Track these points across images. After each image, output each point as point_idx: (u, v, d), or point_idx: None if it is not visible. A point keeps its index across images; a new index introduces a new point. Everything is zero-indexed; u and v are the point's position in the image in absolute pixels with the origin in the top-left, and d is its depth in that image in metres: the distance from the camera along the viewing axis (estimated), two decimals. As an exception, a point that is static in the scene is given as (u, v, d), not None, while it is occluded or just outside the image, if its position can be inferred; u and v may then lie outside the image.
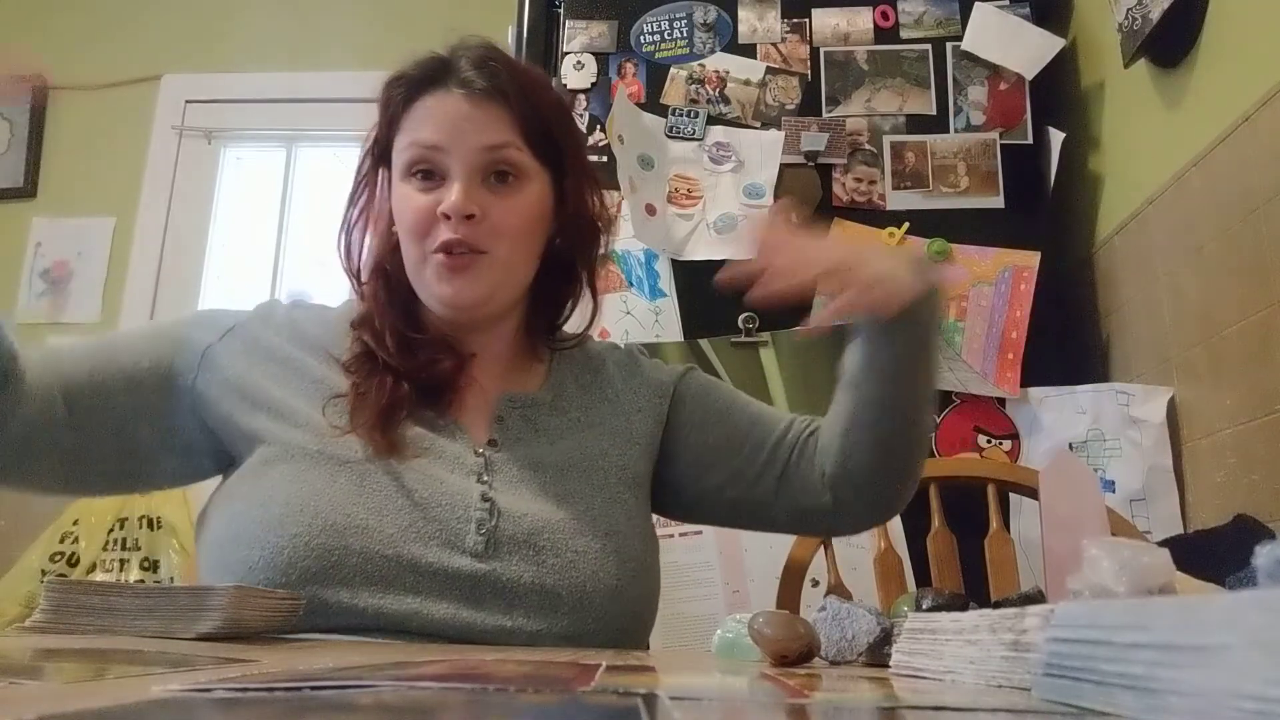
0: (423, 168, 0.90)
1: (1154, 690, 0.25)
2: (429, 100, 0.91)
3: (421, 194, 0.90)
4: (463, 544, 0.82)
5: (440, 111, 0.90)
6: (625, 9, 1.96)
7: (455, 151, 0.89)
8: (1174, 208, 1.56)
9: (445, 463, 0.87)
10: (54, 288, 2.93)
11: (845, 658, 0.58)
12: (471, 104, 0.90)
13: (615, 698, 0.32)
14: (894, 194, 1.84)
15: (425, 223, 0.89)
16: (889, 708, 0.34)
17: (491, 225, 0.89)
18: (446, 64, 0.92)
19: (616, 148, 1.80)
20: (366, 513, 0.81)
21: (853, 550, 1.52)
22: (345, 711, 0.26)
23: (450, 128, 0.89)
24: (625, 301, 1.79)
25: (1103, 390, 1.66)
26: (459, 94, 0.90)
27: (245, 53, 3.03)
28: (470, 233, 0.88)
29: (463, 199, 0.87)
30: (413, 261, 0.91)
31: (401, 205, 0.91)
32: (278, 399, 0.88)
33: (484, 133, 0.90)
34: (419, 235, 0.90)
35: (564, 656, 0.55)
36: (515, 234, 0.91)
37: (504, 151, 0.90)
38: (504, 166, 0.91)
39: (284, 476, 0.83)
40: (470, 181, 0.89)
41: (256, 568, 0.78)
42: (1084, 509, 0.61)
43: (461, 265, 0.89)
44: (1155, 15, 1.52)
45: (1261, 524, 1.26)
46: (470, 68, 0.91)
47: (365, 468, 0.83)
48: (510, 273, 0.93)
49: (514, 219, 0.90)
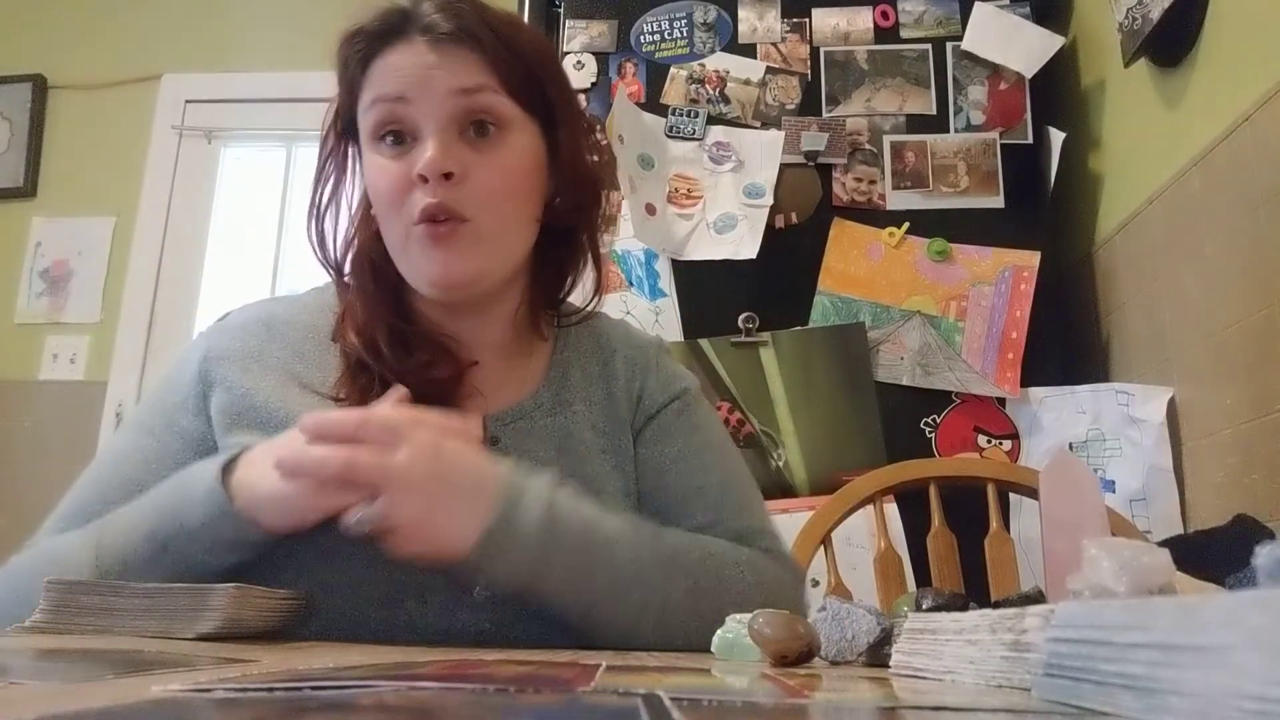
0: (391, 128, 0.80)
1: (1154, 690, 0.25)
2: (390, 55, 0.80)
3: (393, 160, 0.79)
4: (469, 597, 0.73)
5: (403, 63, 0.79)
6: (625, 9, 1.96)
7: (423, 103, 0.78)
8: (1174, 208, 1.56)
9: None
10: (54, 287, 2.94)
11: (845, 658, 0.58)
12: (438, 51, 0.79)
13: (615, 698, 0.32)
14: (894, 194, 1.84)
15: (400, 190, 0.78)
16: (889, 708, 0.34)
17: (474, 189, 0.78)
18: (406, 13, 0.81)
19: (616, 148, 1.80)
20: (357, 565, 0.72)
21: (853, 550, 1.52)
22: (345, 711, 0.26)
23: (415, 77, 0.78)
24: (625, 301, 1.79)
25: (1103, 390, 1.66)
26: (422, 42, 0.79)
27: (245, 53, 3.03)
28: (449, 194, 0.77)
29: (438, 156, 0.76)
30: (395, 240, 0.81)
31: (374, 175, 0.81)
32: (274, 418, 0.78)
33: (454, 76, 0.78)
34: (396, 205, 0.79)
35: (564, 656, 0.55)
36: (503, 196, 0.80)
37: (480, 96, 0.79)
38: (482, 115, 0.80)
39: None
40: (445, 135, 0.78)
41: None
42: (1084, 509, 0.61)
43: (446, 234, 0.78)
44: (1155, 15, 1.52)
45: (1261, 524, 1.26)
46: (434, 11, 0.80)
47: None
48: (501, 241, 0.82)
49: (500, 179, 0.80)
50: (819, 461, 1.69)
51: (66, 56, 3.07)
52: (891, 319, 1.76)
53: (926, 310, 1.77)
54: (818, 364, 1.73)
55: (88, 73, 3.06)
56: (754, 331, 1.75)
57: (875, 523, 1.40)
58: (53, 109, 3.07)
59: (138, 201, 2.96)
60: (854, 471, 1.51)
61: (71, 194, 3.00)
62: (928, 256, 1.79)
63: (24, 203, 3.00)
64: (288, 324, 0.86)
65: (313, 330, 0.86)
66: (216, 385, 0.81)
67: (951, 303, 1.77)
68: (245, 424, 0.78)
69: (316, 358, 0.84)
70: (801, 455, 1.69)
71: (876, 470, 1.44)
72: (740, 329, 1.76)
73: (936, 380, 1.72)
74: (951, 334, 1.75)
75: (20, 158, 3.01)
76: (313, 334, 0.85)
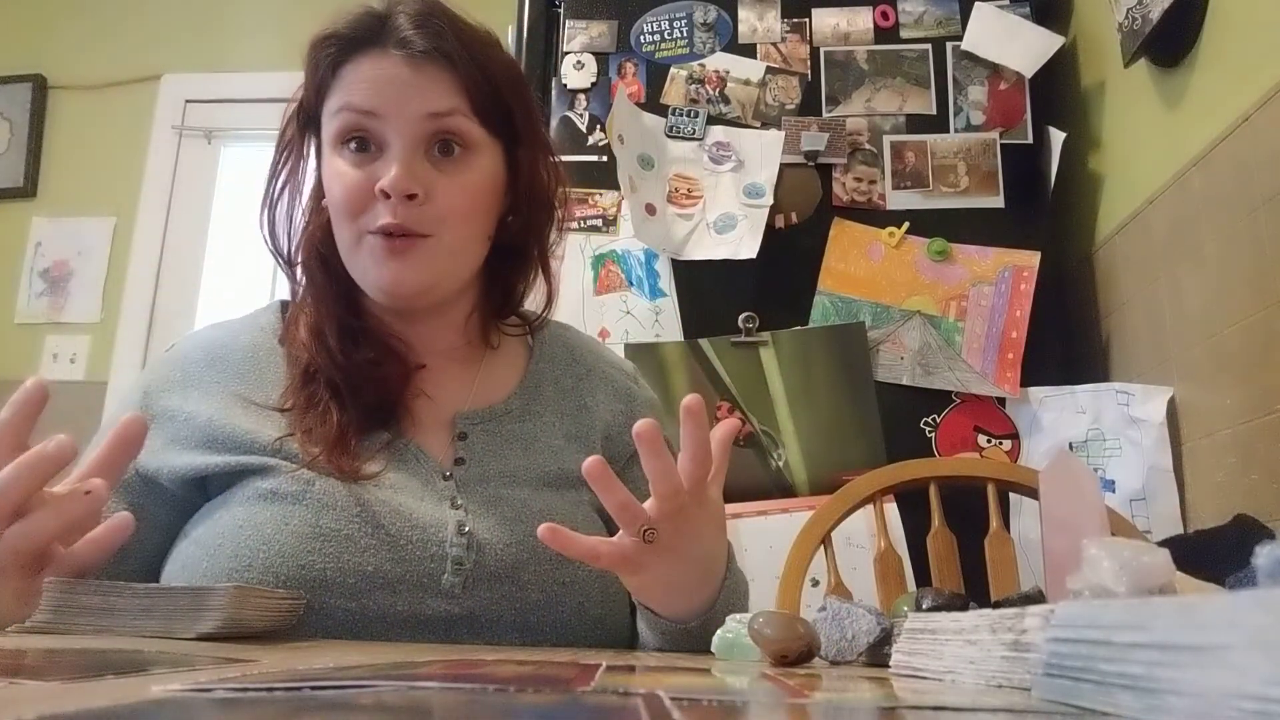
0: (356, 135, 0.80)
1: (1154, 690, 0.25)
2: (363, 63, 0.81)
3: (355, 168, 0.79)
4: (437, 586, 0.74)
5: (375, 75, 0.80)
6: (625, 9, 1.96)
7: (393, 120, 0.79)
8: (1174, 208, 1.56)
9: (412, 491, 0.79)
10: (54, 288, 2.94)
11: (845, 658, 0.58)
12: (411, 67, 0.79)
13: (615, 698, 0.32)
14: (894, 194, 1.84)
15: (360, 200, 0.79)
16: (889, 708, 0.34)
17: (436, 207, 0.79)
18: (382, 21, 0.82)
19: (616, 148, 1.80)
20: (324, 560, 0.73)
21: (853, 550, 1.52)
22: (345, 711, 0.26)
23: (388, 93, 0.79)
24: (625, 301, 1.79)
25: (1103, 390, 1.66)
26: (397, 55, 0.80)
27: (245, 53, 3.03)
28: (411, 215, 0.78)
29: (404, 176, 0.77)
30: (346, 243, 0.81)
31: (332, 180, 0.81)
32: (221, 433, 0.79)
33: (426, 99, 0.79)
34: (353, 214, 0.79)
35: (564, 656, 0.55)
36: (463, 215, 0.81)
37: (449, 120, 0.80)
38: (449, 137, 0.81)
39: (235, 521, 0.75)
40: (411, 155, 0.79)
41: None
42: (1084, 509, 0.61)
43: (401, 248, 0.79)
44: (1155, 15, 1.52)
45: (1261, 524, 1.26)
46: (410, 26, 0.80)
47: (321, 504, 0.75)
48: (457, 258, 0.83)
49: (461, 199, 0.81)
50: (819, 461, 1.69)
51: (66, 56, 3.08)
52: (891, 319, 1.76)
53: (926, 310, 1.77)
54: (818, 364, 1.73)
55: (88, 73, 3.06)
56: (754, 331, 1.75)
57: (875, 523, 1.40)
58: (53, 109, 3.07)
59: (138, 201, 2.96)
60: (854, 471, 1.51)
61: (71, 194, 3.00)
62: (928, 256, 1.79)
63: (24, 203, 3.00)
64: (225, 347, 0.87)
65: (252, 349, 0.87)
66: (158, 418, 0.80)
67: (951, 303, 1.77)
68: (193, 445, 0.79)
69: (257, 376, 0.84)
70: (801, 455, 1.69)
71: (876, 470, 1.44)
72: (740, 329, 1.76)
73: (936, 380, 1.72)
74: (951, 334, 1.75)
75: (20, 158, 3.01)
76: (252, 353, 0.86)
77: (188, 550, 0.77)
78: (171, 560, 0.79)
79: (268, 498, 0.75)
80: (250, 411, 0.81)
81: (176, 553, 0.79)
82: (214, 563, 0.74)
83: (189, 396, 0.82)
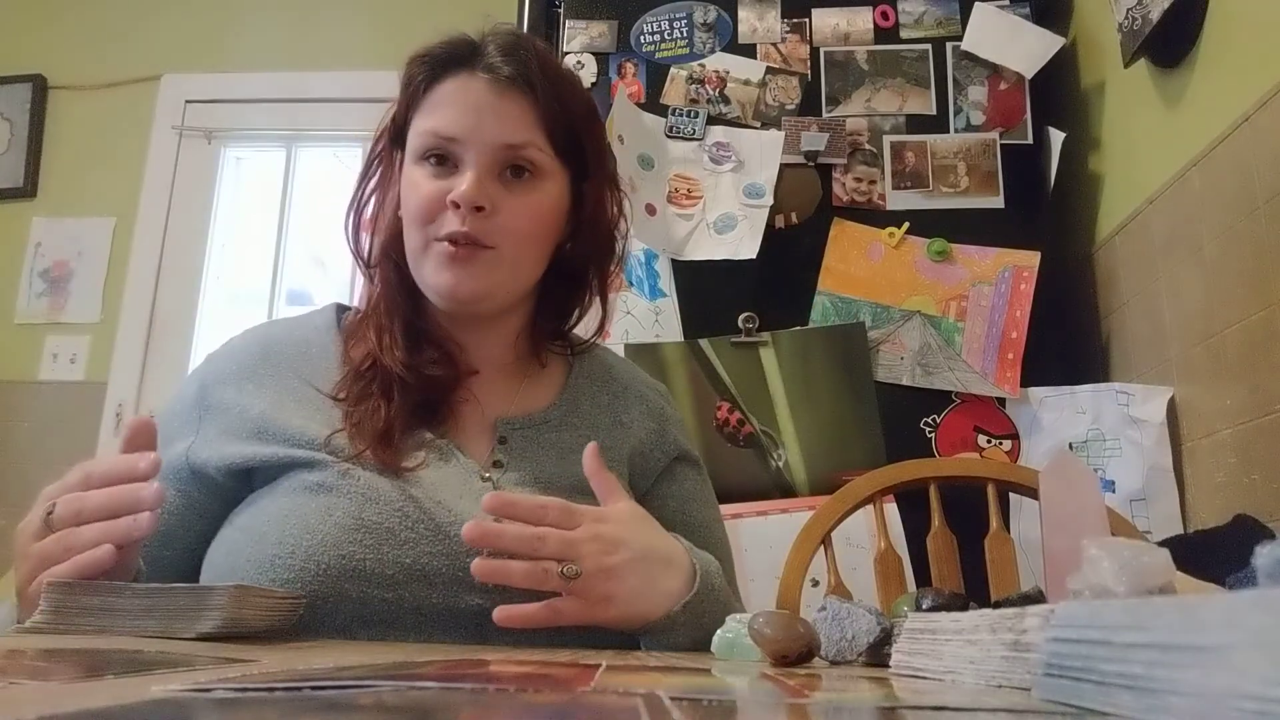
0: (436, 153, 0.87)
1: (1154, 690, 0.25)
2: (451, 83, 0.87)
3: (432, 180, 0.86)
4: (472, 580, 0.75)
5: (462, 97, 0.86)
6: (625, 9, 1.96)
7: (472, 143, 0.85)
8: (1174, 208, 1.56)
9: (451, 489, 0.82)
10: (54, 288, 2.93)
11: (845, 658, 0.58)
12: (495, 92, 0.86)
13: (615, 698, 0.32)
14: (894, 194, 1.84)
15: (432, 209, 0.85)
16: (889, 708, 0.34)
17: (501, 221, 0.85)
18: (474, 46, 0.88)
19: (616, 148, 1.80)
20: (364, 551, 0.76)
21: (853, 550, 1.52)
22: (345, 711, 0.26)
23: (470, 120, 0.85)
24: (625, 301, 1.79)
25: (1103, 390, 1.66)
26: (483, 79, 0.86)
27: (245, 53, 3.03)
28: (478, 226, 0.84)
29: (474, 189, 0.83)
30: (414, 248, 0.87)
31: (409, 190, 0.88)
32: (273, 425, 0.83)
33: (504, 127, 0.86)
34: (424, 221, 0.86)
35: (564, 656, 0.55)
36: (525, 233, 0.87)
37: (524, 150, 0.87)
38: (521, 163, 0.87)
39: (280, 510, 0.78)
40: (484, 173, 0.85)
41: None
42: (1084, 509, 0.61)
43: (464, 257, 0.85)
44: (1155, 15, 1.52)
45: (1261, 524, 1.26)
46: (498, 54, 0.87)
47: (365, 497, 0.78)
48: (515, 272, 0.89)
49: (525, 218, 0.87)
50: (819, 461, 1.69)
51: (66, 56, 3.07)
52: (891, 319, 1.76)
53: (926, 310, 1.77)
54: (817, 364, 1.73)
55: (88, 73, 3.06)
56: (754, 331, 1.75)
57: (875, 523, 1.40)
58: (53, 109, 3.07)
59: (138, 201, 2.95)
60: (854, 471, 1.51)
61: (71, 194, 3.00)
62: (928, 256, 1.79)
63: (24, 203, 3.00)
64: (280, 341, 0.92)
65: (305, 344, 0.92)
66: (213, 409, 0.86)
67: (951, 303, 1.77)
68: (244, 436, 0.83)
69: (310, 367, 0.89)
70: (801, 455, 1.69)
71: (876, 470, 1.44)
72: (740, 329, 1.76)
73: (936, 380, 1.72)
74: (951, 334, 1.75)
75: (20, 158, 3.01)
76: (305, 348, 0.91)
77: (232, 537, 0.81)
78: (214, 547, 0.82)
79: (313, 489, 0.79)
80: (301, 407, 0.85)
81: (220, 539, 0.82)
82: (258, 549, 0.77)
83: (244, 389, 0.86)
